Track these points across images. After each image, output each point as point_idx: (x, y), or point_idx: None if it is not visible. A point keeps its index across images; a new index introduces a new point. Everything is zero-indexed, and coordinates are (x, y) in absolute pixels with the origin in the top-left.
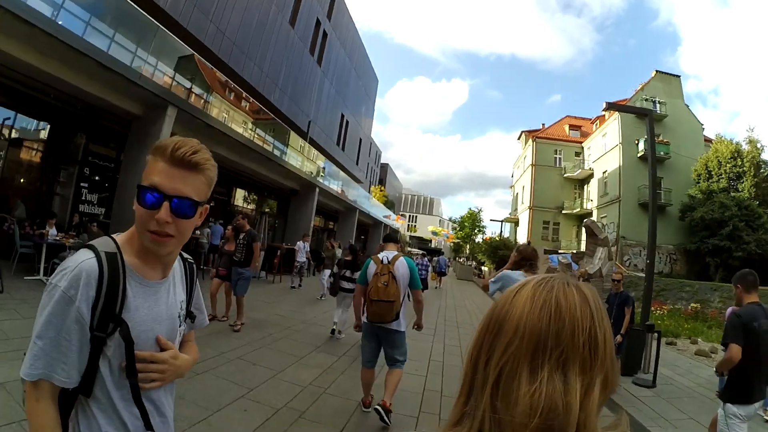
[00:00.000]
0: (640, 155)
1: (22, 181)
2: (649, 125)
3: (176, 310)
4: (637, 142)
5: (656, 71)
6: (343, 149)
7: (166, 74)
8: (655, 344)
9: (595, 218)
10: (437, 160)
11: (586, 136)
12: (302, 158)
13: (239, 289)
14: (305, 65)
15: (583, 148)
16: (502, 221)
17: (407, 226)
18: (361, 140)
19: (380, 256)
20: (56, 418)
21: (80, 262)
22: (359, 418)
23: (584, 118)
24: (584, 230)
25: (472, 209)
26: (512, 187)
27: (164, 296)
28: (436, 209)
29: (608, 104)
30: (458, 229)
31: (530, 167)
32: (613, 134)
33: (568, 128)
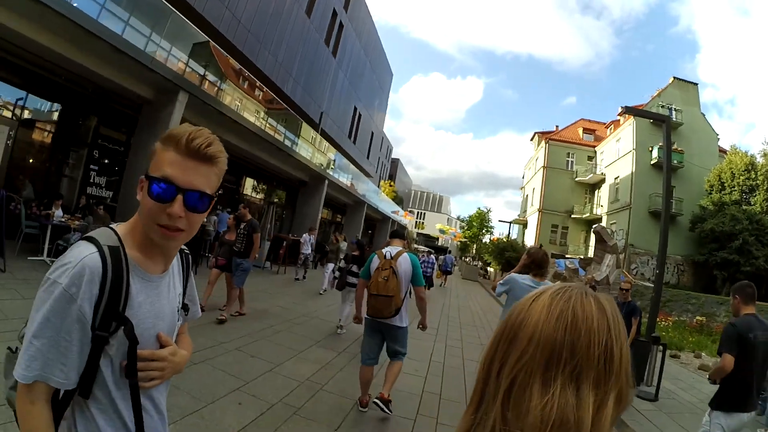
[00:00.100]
0: (653, 162)
1: (31, 161)
2: (666, 132)
3: (175, 304)
4: (651, 149)
5: (674, 78)
6: (354, 142)
7: (180, 60)
8: (659, 357)
9: (604, 224)
10: (448, 157)
11: (599, 140)
12: (313, 150)
13: (237, 280)
14: (320, 56)
15: (596, 152)
16: (510, 222)
17: (415, 222)
18: (372, 134)
19: (384, 251)
20: (51, 420)
21: (83, 257)
22: (355, 417)
23: (599, 122)
24: (593, 236)
25: (481, 209)
26: (522, 188)
27: (165, 291)
28: (444, 207)
29: (626, 108)
30: (466, 228)
31: (542, 169)
32: (627, 140)
33: (581, 131)
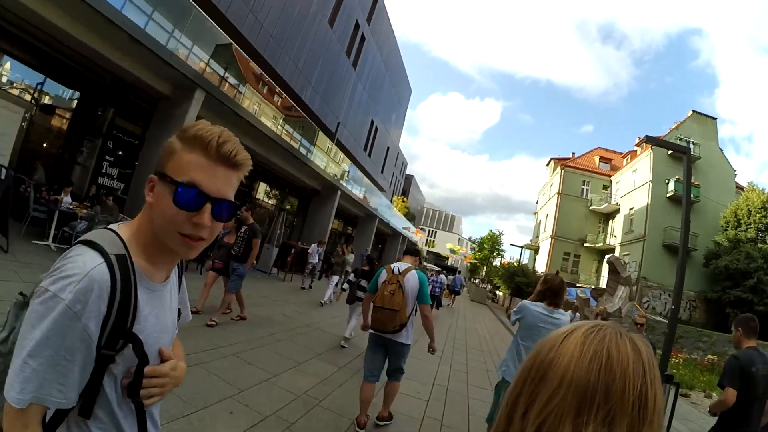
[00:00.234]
0: (669, 195)
1: (45, 146)
2: (686, 165)
3: (175, 312)
4: (667, 181)
5: (693, 111)
6: (369, 155)
7: (202, 60)
8: (671, 396)
9: (617, 255)
10: (462, 177)
11: (615, 169)
12: (328, 159)
13: (231, 285)
14: (340, 66)
15: (611, 181)
16: (522, 247)
17: (426, 240)
18: (388, 148)
19: (393, 266)
20: None
21: (89, 270)
22: None
23: (615, 151)
24: (606, 266)
25: (493, 231)
26: (536, 213)
27: (167, 300)
28: (456, 227)
29: (647, 137)
30: (477, 249)
31: (556, 195)
32: (643, 171)
33: (598, 160)
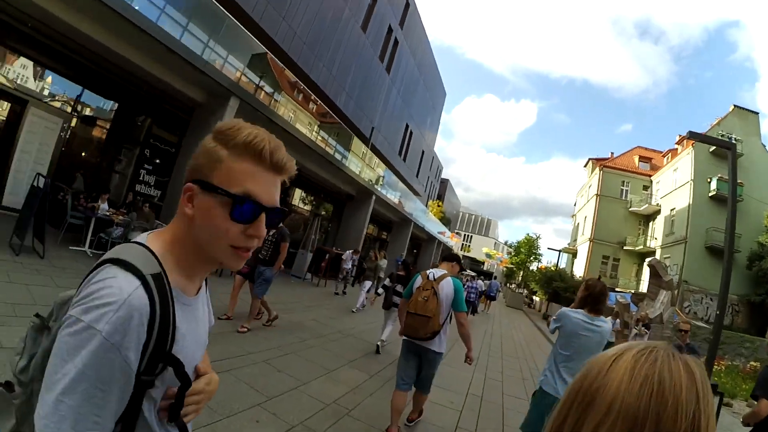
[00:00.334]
0: (711, 195)
1: (84, 154)
2: (731, 161)
3: (206, 324)
4: (709, 180)
5: (734, 106)
6: (404, 160)
7: (237, 69)
8: (716, 407)
9: (658, 258)
10: (498, 181)
11: (655, 169)
12: (362, 164)
13: (258, 290)
14: (374, 71)
15: (651, 181)
16: (559, 251)
17: (461, 245)
18: (423, 153)
19: (428, 272)
20: None
21: (126, 296)
22: None
23: (655, 150)
24: (648, 269)
25: (530, 235)
26: (573, 216)
27: (201, 313)
28: (492, 231)
29: (690, 133)
30: (513, 254)
31: (594, 197)
32: (684, 170)
33: (637, 159)
